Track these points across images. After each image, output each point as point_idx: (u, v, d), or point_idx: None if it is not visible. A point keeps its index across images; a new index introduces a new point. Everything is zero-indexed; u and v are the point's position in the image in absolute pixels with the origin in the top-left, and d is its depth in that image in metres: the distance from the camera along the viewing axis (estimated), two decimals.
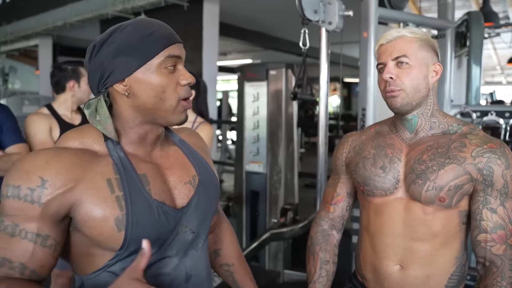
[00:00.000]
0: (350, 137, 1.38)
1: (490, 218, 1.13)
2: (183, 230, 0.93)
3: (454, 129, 1.21)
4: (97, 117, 0.87)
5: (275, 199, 3.54)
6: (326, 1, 2.02)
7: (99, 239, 0.83)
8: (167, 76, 0.86)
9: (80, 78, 2.35)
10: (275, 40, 7.75)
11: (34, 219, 0.79)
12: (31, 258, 0.79)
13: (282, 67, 3.46)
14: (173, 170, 0.96)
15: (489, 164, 1.12)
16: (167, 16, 4.63)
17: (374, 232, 1.25)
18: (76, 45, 7.89)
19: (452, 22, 2.70)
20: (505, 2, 6.33)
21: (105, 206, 0.82)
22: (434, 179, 1.13)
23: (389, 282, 1.22)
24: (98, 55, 0.86)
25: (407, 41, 1.16)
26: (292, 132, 3.58)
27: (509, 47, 8.15)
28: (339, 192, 1.38)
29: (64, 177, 0.80)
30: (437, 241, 1.18)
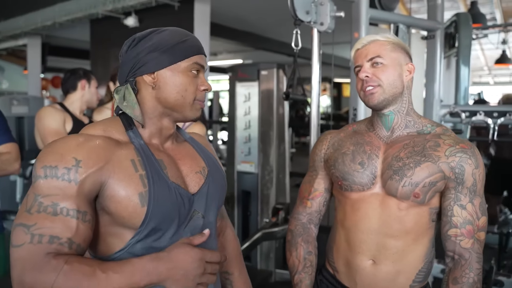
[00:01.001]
0: (328, 135, 1.43)
1: (460, 214, 1.20)
2: (196, 216, 1.01)
3: (428, 130, 1.29)
4: (125, 102, 0.98)
5: (267, 198, 3.56)
6: (318, 2, 2.04)
7: (123, 214, 0.90)
8: (191, 79, 0.99)
9: (90, 81, 2.57)
10: (265, 41, 7.76)
11: (72, 197, 0.85)
12: (76, 233, 0.85)
13: (274, 67, 3.48)
14: (185, 161, 1.05)
15: (461, 163, 1.20)
16: (158, 16, 4.61)
17: (350, 227, 1.29)
18: (66, 45, 7.84)
19: (441, 23, 2.73)
20: (492, 4, 6.41)
21: (130, 182, 0.90)
22: (410, 176, 1.20)
23: (361, 276, 1.27)
24: (135, 47, 0.98)
25: (380, 44, 1.25)
26: (284, 132, 3.60)
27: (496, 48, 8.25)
28: (317, 188, 1.42)
29: (95, 158, 0.88)
30: (409, 238, 1.24)
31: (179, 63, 0.98)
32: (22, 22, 5.77)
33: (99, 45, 5.50)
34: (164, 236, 0.95)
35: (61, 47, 7.78)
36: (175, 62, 0.97)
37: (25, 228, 0.82)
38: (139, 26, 4.80)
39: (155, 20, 4.68)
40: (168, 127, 1.03)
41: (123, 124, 0.99)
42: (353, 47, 1.31)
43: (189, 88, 0.99)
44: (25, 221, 0.83)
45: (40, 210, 0.83)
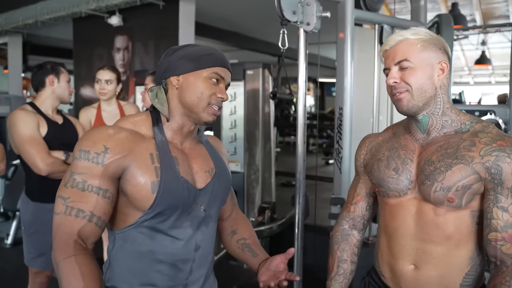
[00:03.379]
0: (367, 139, 1.42)
1: (500, 216, 1.12)
2: (198, 208, 1.18)
3: (467, 127, 1.21)
4: (156, 99, 1.16)
5: (253, 198, 3.57)
6: (304, 2, 2.06)
7: (136, 196, 1.08)
8: (209, 86, 1.15)
9: (59, 75, 2.36)
10: (250, 40, 7.77)
11: (98, 176, 1.05)
12: (96, 207, 1.05)
13: (259, 67, 3.49)
14: (197, 160, 1.22)
15: (497, 162, 1.11)
16: (143, 15, 4.59)
17: (390, 233, 1.28)
18: (48, 44, 7.72)
19: (424, 24, 2.78)
20: (472, 6, 6.53)
21: (146, 171, 1.09)
22: (441, 180, 1.15)
23: (405, 280, 1.26)
24: (171, 56, 1.17)
25: (409, 44, 1.18)
26: (269, 131, 3.62)
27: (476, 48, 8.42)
28: (359, 192, 1.42)
29: (121, 147, 1.08)
30: (450, 243, 1.19)
31: (201, 70, 1.14)
32: (3, 20, 5.67)
33: (82, 44, 5.44)
34: (167, 220, 1.12)
35: (43, 46, 7.67)
36: (198, 69, 1.14)
37: (62, 200, 1.05)
38: (123, 25, 4.77)
39: (140, 19, 4.66)
40: (188, 125, 1.18)
41: (152, 119, 1.17)
42: (382, 46, 1.25)
43: (205, 92, 1.14)
44: (63, 194, 1.05)
45: (73, 185, 1.05)
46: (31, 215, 2.27)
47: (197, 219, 1.18)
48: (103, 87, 2.74)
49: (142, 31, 4.71)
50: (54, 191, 2.38)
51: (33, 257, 2.27)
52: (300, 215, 2.23)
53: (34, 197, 2.26)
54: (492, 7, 6.80)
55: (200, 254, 1.20)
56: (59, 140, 2.26)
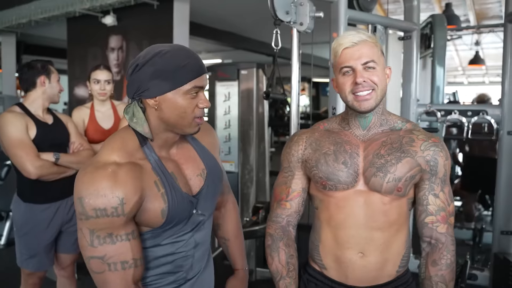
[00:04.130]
0: (303, 135, 1.43)
1: (434, 202, 1.31)
2: (196, 213, 1.20)
3: (400, 126, 1.36)
4: (134, 119, 1.10)
5: (247, 197, 3.57)
6: (297, 2, 2.06)
7: (147, 222, 1.11)
8: (190, 101, 1.09)
9: (50, 75, 2.32)
10: (245, 40, 7.77)
11: (121, 225, 1.04)
12: (134, 251, 1.07)
13: (253, 67, 3.49)
14: (188, 165, 1.21)
15: (435, 156, 1.30)
16: (137, 15, 4.57)
17: (337, 225, 1.32)
18: (42, 44, 7.69)
19: (418, 25, 2.79)
20: (465, 6, 6.57)
21: (155, 201, 1.09)
22: (394, 172, 1.27)
23: (352, 269, 1.31)
24: (139, 72, 1.07)
25: (371, 46, 1.26)
26: (263, 131, 3.62)
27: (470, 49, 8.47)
28: (295, 188, 1.41)
29: (133, 190, 1.04)
30: (393, 229, 1.31)
31: (179, 88, 1.07)
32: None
33: (76, 44, 5.41)
34: (171, 230, 1.16)
35: (37, 45, 7.63)
36: (175, 88, 1.07)
37: (99, 260, 1.03)
38: (118, 25, 4.75)
39: (134, 19, 4.64)
40: (173, 138, 1.17)
41: (138, 138, 1.13)
42: (338, 43, 1.29)
43: (188, 110, 1.09)
44: (96, 254, 1.03)
45: (101, 243, 1.03)
46: (22, 216, 2.25)
47: (196, 223, 1.22)
48: (104, 88, 2.69)
49: (137, 31, 4.69)
50: (45, 191, 2.38)
51: (26, 258, 2.26)
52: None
53: (25, 198, 2.25)
54: (485, 7, 6.84)
55: (198, 249, 1.26)
56: (49, 141, 2.23)
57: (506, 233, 2.46)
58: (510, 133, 2.46)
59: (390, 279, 1.34)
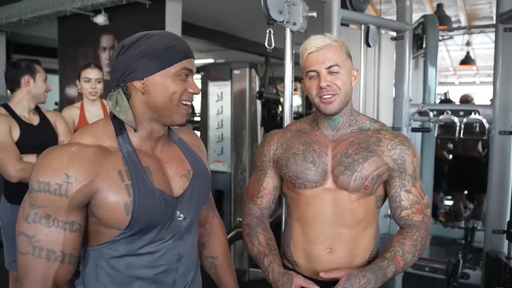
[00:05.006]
0: (275, 135, 1.47)
1: (407, 198, 1.36)
2: (177, 217, 1.09)
3: (368, 126, 1.41)
4: (117, 107, 1.02)
5: (240, 198, 3.56)
6: (290, 2, 2.05)
7: (109, 220, 0.99)
8: (179, 83, 1.03)
9: (35, 74, 2.28)
10: (237, 40, 7.76)
11: (63, 209, 0.95)
12: (65, 244, 0.96)
13: (246, 67, 3.49)
14: (171, 164, 1.11)
15: (401, 154, 1.34)
16: (129, 14, 4.55)
17: (306, 221, 1.37)
18: (32, 43, 7.62)
19: (410, 25, 2.80)
20: (456, 7, 6.61)
21: (116, 192, 0.98)
22: (360, 170, 1.31)
23: (321, 264, 1.35)
24: (125, 53, 1.02)
25: (335, 49, 1.30)
26: (256, 131, 3.61)
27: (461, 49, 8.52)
28: (266, 186, 1.47)
29: (85, 172, 0.95)
30: (360, 226, 1.36)
31: (168, 68, 1.01)
32: None
33: (67, 43, 5.37)
34: (147, 235, 1.04)
35: (28, 44, 7.57)
36: (164, 68, 1.01)
37: (26, 238, 0.95)
38: (109, 24, 4.72)
39: (126, 18, 4.62)
40: (158, 130, 1.07)
41: (115, 128, 1.04)
42: (304, 47, 1.33)
43: (177, 91, 1.02)
44: (26, 231, 0.95)
45: (35, 221, 0.94)
46: (9, 218, 2.23)
47: (178, 229, 1.10)
48: (94, 86, 2.66)
49: (128, 30, 4.63)
50: None
51: (14, 260, 2.23)
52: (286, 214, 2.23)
53: (12, 200, 2.22)
54: (476, 8, 6.89)
55: (183, 263, 1.13)
56: (33, 143, 2.19)
57: (497, 232, 2.48)
58: (502, 132, 2.47)
59: None
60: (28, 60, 2.31)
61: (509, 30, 2.39)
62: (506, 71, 2.44)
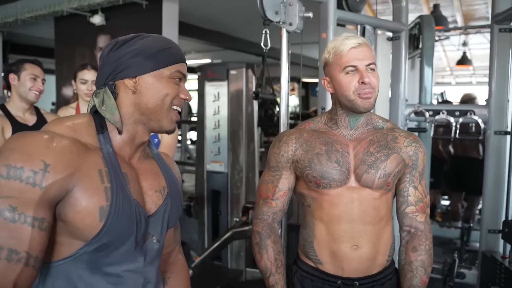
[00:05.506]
0: (292, 135, 1.46)
1: (414, 194, 1.41)
2: (150, 239, 0.99)
3: (381, 125, 1.45)
4: (103, 107, 0.95)
5: (237, 198, 3.57)
6: (286, 2, 2.06)
7: (78, 225, 0.86)
8: (172, 86, 0.98)
9: (20, 72, 2.23)
10: (234, 40, 7.76)
11: (33, 202, 0.81)
12: (32, 245, 0.81)
13: (243, 67, 3.49)
14: (147, 177, 1.02)
15: (416, 151, 1.41)
16: (126, 14, 4.54)
17: (331, 220, 1.39)
18: (29, 43, 7.60)
19: (406, 25, 2.81)
20: (453, 7, 6.63)
21: (94, 194, 0.87)
22: (384, 168, 1.36)
23: (347, 261, 1.38)
24: (118, 50, 0.96)
25: (370, 49, 1.35)
26: (253, 131, 3.62)
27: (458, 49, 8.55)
28: (281, 188, 1.46)
29: (65, 163, 0.84)
30: (382, 222, 1.40)
31: (163, 69, 0.97)
32: None
33: (64, 43, 5.36)
34: (114, 252, 0.91)
35: (24, 45, 7.54)
36: (158, 68, 0.97)
37: None
38: (106, 25, 4.71)
39: (123, 18, 4.61)
40: (142, 136, 1.00)
41: (96, 126, 0.95)
42: (341, 42, 1.33)
43: (170, 94, 0.98)
44: None
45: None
46: None
47: (151, 252, 0.99)
48: (90, 88, 2.65)
49: (125, 30, 4.62)
50: None
51: None
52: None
53: None
54: (472, 8, 6.91)
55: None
56: None
57: (493, 232, 2.49)
58: (497, 132, 2.48)
59: (381, 269, 1.42)
60: (21, 59, 2.29)
61: (504, 30, 2.40)
62: (501, 71, 2.45)
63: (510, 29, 2.38)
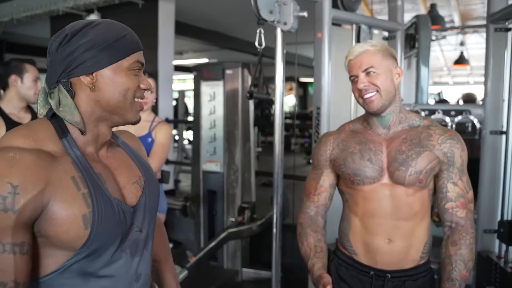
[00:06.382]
0: (330, 136, 1.58)
1: (453, 190, 1.42)
2: (134, 229, 0.95)
3: (418, 123, 1.47)
4: (61, 108, 0.87)
5: (233, 198, 3.56)
6: (281, 1, 2.05)
7: (62, 238, 0.82)
8: (132, 78, 0.91)
9: (23, 74, 2.25)
10: (231, 40, 7.76)
11: (9, 228, 0.77)
12: (17, 272, 0.78)
13: (238, 67, 3.48)
14: (121, 171, 0.97)
15: (451, 148, 1.41)
16: (122, 14, 4.53)
17: (365, 215, 1.46)
18: (25, 42, 7.57)
19: (401, 25, 2.80)
20: (450, 7, 6.62)
21: (73, 203, 0.82)
22: (415, 165, 1.39)
23: (381, 253, 1.44)
24: (68, 44, 0.86)
25: (371, 54, 1.40)
26: (249, 131, 3.61)
27: (455, 49, 8.56)
28: (322, 184, 1.56)
29: (33, 180, 0.79)
30: (416, 218, 1.43)
31: (121, 61, 0.89)
32: None
33: None
34: (104, 255, 0.88)
35: (20, 44, 7.52)
36: (117, 61, 0.89)
37: None
38: None
39: (119, 18, 4.50)
40: (105, 134, 0.94)
41: (56, 130, 0.88)
42: (346, 57, 1.44)
43: (131, 87, 0.91)
44: None
45: None
46: None
47: (136, 243, 0.96)
48: None
49: None
50: None
51: None
52: (278, 215, 2.22)
53: None
54: (470, 8, 6.90)
55: (142, 283, 0.98)
56: None
57: (488, 232, 2.49)
58: (493, 132, 2.48)
59: (414, 264, 1.45)
60: (20, 60, 2.30)
61: (499, 30, 2.40)
62: (497, 71, 2.45)
63: (505, 29, 2.38)
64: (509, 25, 2.34)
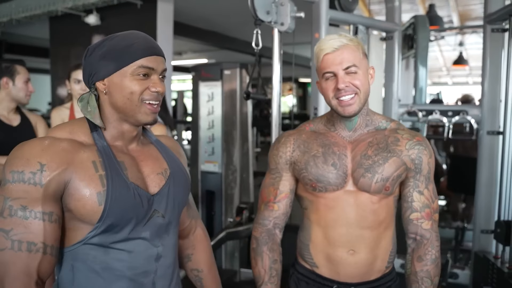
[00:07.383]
0: (290, 136, 1.43)
1: (419, 199, 1.34)
2: (156, 215, 1.07)
3: (384, 125, 1.39)
4: (88, 108, 1.04)
5: (231, 198, 3.56)
6: (278, 2, 2.06)
7: (81, 212, 0.97)
8: (138, 82, 1.02)
9: (14, 76, 2.26)
10: (230, 40, 7.75)
11: (39, 199, 0.94)
12: (46, 235, 0.94)
13: (237, 67, 3.48)
14: (147, 162, 1.10)
15: (419, 154, 1.33)
16: (120, 14, 4.54)
17: (327, 224, 1.35)
18: (24, 43, 7.58)
19: (399, 25, 2.81)
20: (449, 7, 6.62)
21: (90, 182, 0.97)
22: (381, 172, 1.30)
23: (344, 266, 1.34)
24: (91, 56, 1.04)
25: (352, 50, 1.26)
26: (247, 131, 3.61)
27: (454, 49, 8.56)
28: (282, 190, 1.42)
29: (58, 161, 0.96)
30: (381, 227, 1.35)
31: (124, 68, 1.01)
32: None
33: (59, 43, 5.35)
34: (121, 231, 1.01)
35: (19, 44, 7.53)
36: (120, 68, 1.01)
37: (4, 233, 0.92)
38: (101, 25, 4.71)
39: (117, 18, 4.61)
40: (130, 130, 1.07)
41: (89, 125, 1.05)
42: (319, 48, 1.28)
43: (135, 91, 1.02)
44: (2, 226, 0.92)
45: (12, 214, 0.92)
46: None
47: (156, 227, 1.07)
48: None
49: (120, 30, 4.53)
50: None
51: None
52: None
53: None
54: (469, 8, 6.90)
55: (161, 264, 1.09)
56: (11, 144, 2.18)
57: (486, 232, 2.49)
58: (490, 132, 2.48)
59: (380, 275, 1.38)
60: (10, 61, 2.30)
61: (496, 30, 2.40)
62: (493, 71, 2.45)
63: (502, 29, 2.38)
64: (505, 26, 2.34)
